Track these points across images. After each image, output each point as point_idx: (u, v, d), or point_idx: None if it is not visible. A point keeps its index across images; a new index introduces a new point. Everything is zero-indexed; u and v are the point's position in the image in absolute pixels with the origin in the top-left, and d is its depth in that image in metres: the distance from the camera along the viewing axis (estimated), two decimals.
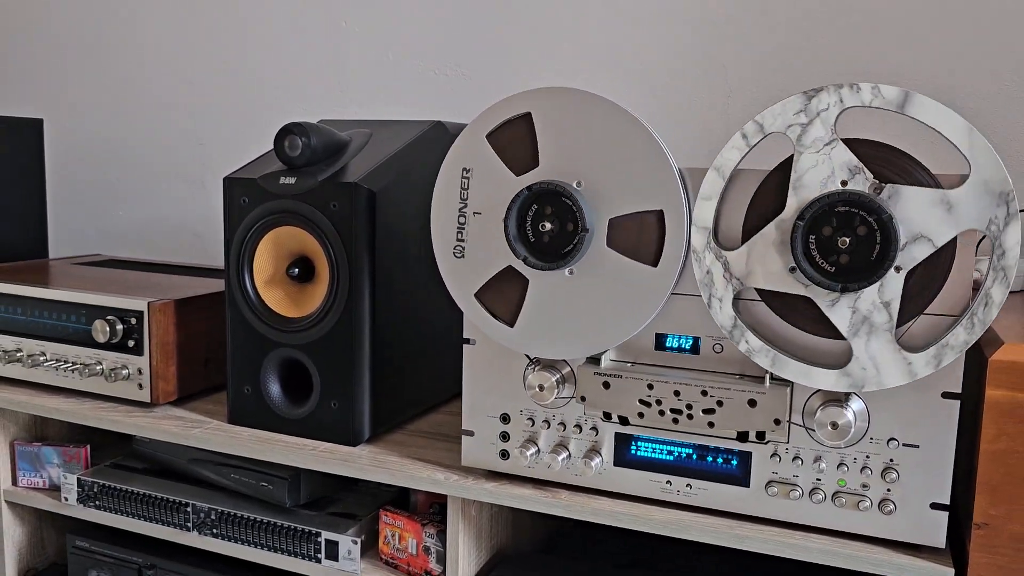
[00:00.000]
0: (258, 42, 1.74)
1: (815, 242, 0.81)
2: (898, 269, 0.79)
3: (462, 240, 0.96)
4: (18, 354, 1.33)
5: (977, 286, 0.79)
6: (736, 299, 0.86)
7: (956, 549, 0.88)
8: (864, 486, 0.87)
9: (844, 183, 0.79)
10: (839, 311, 0.82)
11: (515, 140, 0.93)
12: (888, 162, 0.80)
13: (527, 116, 0.93)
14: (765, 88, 1.39)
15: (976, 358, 0.86)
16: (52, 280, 1.39)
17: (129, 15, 1.85)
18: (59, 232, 1.94)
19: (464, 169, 0.95)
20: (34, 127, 1.68)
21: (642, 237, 0.89)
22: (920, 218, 0.78)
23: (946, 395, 0.83)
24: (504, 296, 0.95)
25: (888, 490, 0.86)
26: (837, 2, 1.33)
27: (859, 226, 0.79)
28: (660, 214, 0.88)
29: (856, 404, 0.86)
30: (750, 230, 0.85)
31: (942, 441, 0.84)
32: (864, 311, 0.81)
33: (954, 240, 0.79)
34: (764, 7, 1.37)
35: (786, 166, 0.82)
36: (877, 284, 0.80)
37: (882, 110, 0.76)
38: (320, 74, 1.69)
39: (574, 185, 0.90)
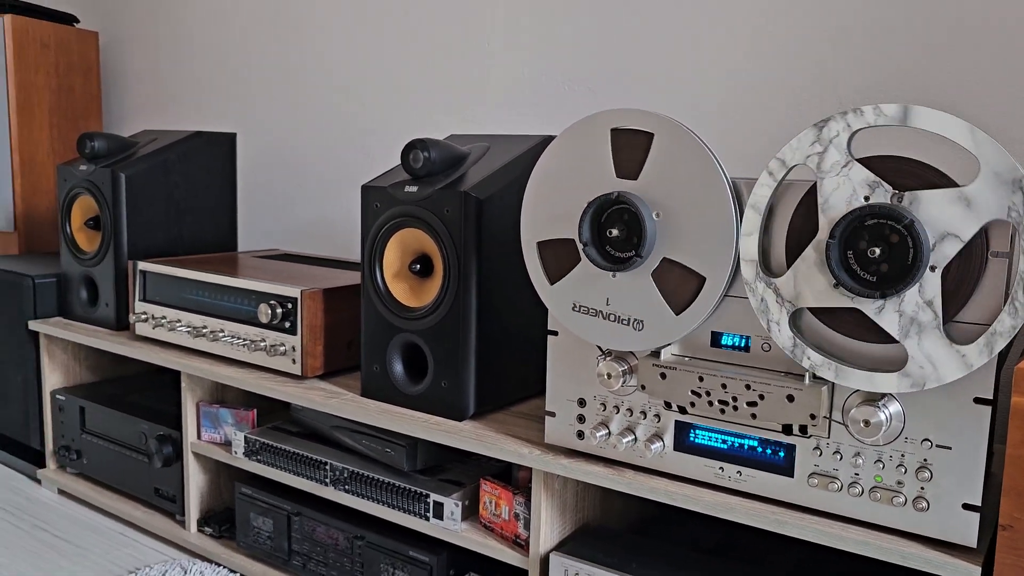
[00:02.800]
0: (415, 64, 1.95)
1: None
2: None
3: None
4: (204, 330, 1.61)
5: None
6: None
7: (992, 550, 0.91)
8: (899, 483, 0.92)
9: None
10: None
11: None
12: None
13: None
14: (874, 96, 1.41)
15: (1007, 365, 0.89)
16: (233, 270, 1.66)
17: (310, 43, 2.12)
18: (247, 229, 2.27)
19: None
20: (229, 140, 1.98)
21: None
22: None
23: (978, 400, 0.87)
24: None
25: (922, 488, 0.91)
26: (950, 18, 1.34)
27: (890, 235, 0.85)
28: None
29: (893, 406, 0.91)
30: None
31: (974, 444, 0.88)
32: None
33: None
34: (878, 24, 1.40)
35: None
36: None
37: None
38: (466, 90, 1.88)
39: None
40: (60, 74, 2.39)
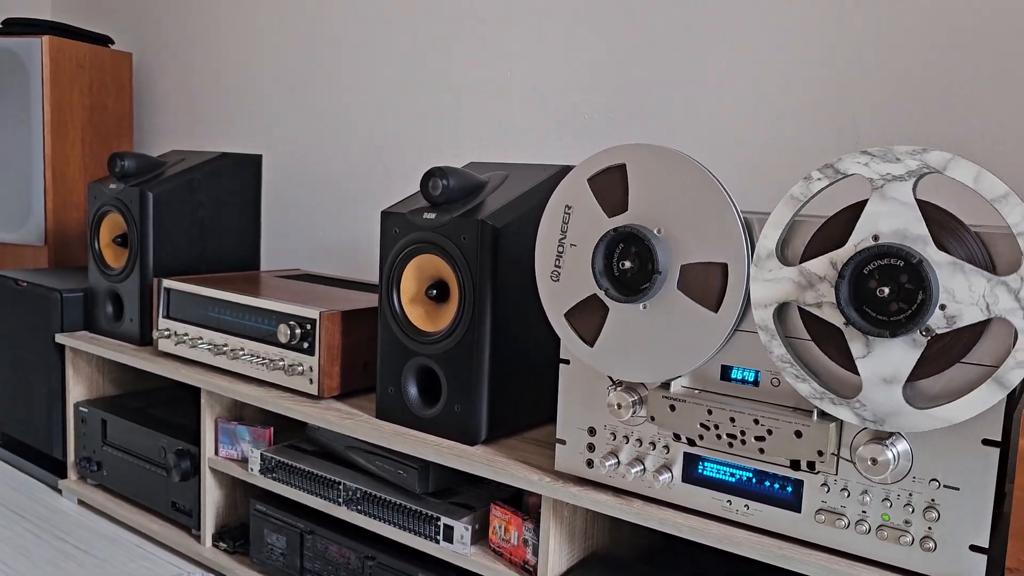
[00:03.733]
0: (439, 90, 1.98)
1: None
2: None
3: (559, 267, 1.12)
4: (224, 348, 1.64)
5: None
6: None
7: None
8: (907, 522, 0.92)
9: (875, 237, 0.86)
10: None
11: (611, 186, 1.07)
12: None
13: (622, 167, 1.07)
14: (891, 139, 1.42)
15: (1012, 410, 0.89)
16: (254, 289, 1.69)
17: (334, 67, 2.17)
18: (270, 248, 2.30)
19: (567, 206, 1.11)
20: (255, 161, 2.02)
21: (708, 285, 1.00)
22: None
23: (986, 442, 0.87)
24: (588, 320, 1.09)
25: (929, 528, 0.91)
26: (971, 57, 1.35)
27: (906, 283, 0.86)
28: (724, 267, 0.99)
29: (900, 444, 0.92)
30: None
31: (982, 485, 0.88)
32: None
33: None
34: (899, 62, 1.41)
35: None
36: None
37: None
38: (487, 116, 1.91)
39: (655, 232, 1.03)
40: (94, 93, 2.45)
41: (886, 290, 0.87)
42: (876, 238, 0.87)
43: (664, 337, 1.03)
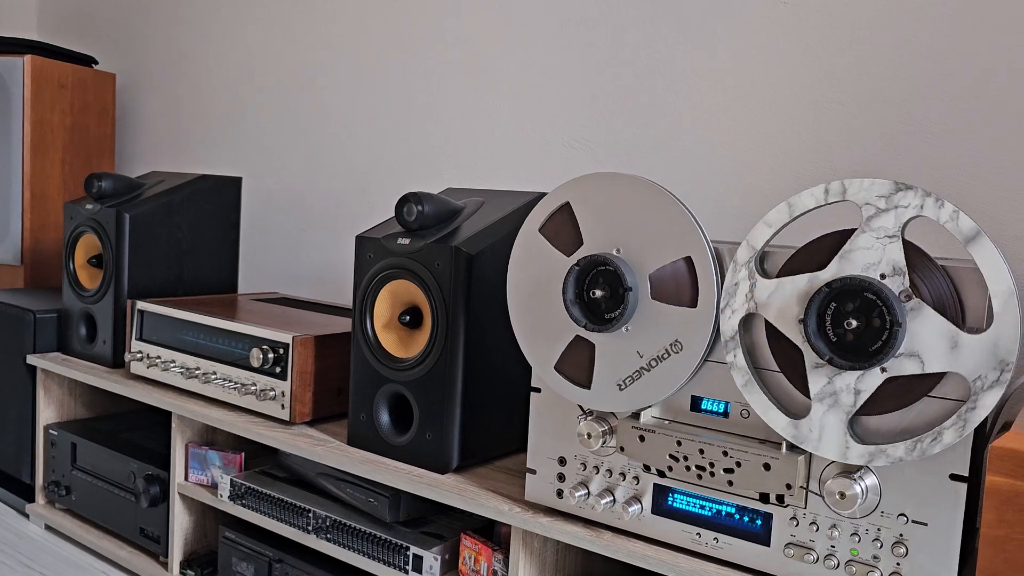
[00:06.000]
0: (420, 117, 1.99)
1: (832, 311, 0.88)
2: (884, 370, 0.85)
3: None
4: (197, 371, 1.62)
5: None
6: (745, 319, 0.95)
7: None
8: (875, 557, 0.91)
9: (883, 276, 0.85)
10: (818, 374, 0.89)
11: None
12: (929, 277, 0.86)
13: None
14: (865, 172, 1.43)
15: (982, 443, 0.88)
16: (228, 312, 1.67)
17: (316, 93, 2.17)
18: (249, 271, 2.29)
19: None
20: (235, 184, 2.01)
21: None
22: (927, 340, 0.84)
23: (954, 477, 0.87)
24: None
25: (898, 564, 0.90)
26: (948, 90, 1.36)
27: (875, 318, 0.86)
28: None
29: (869, 478, 0.91)
30: (788, 272, 0.93)
31: (949, 520, 0.87)
32: (837, 387, 0.88)
33: (942, 375, 0.85)
34: (874, 93, 1.42)
35: (845, 235, 0.89)
36: (859, 372, 0.86)
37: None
38: (469, 143, 1.91)
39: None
40: (75, 113, 2.44)
41: (854, 322, 0.86)
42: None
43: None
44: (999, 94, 1.31)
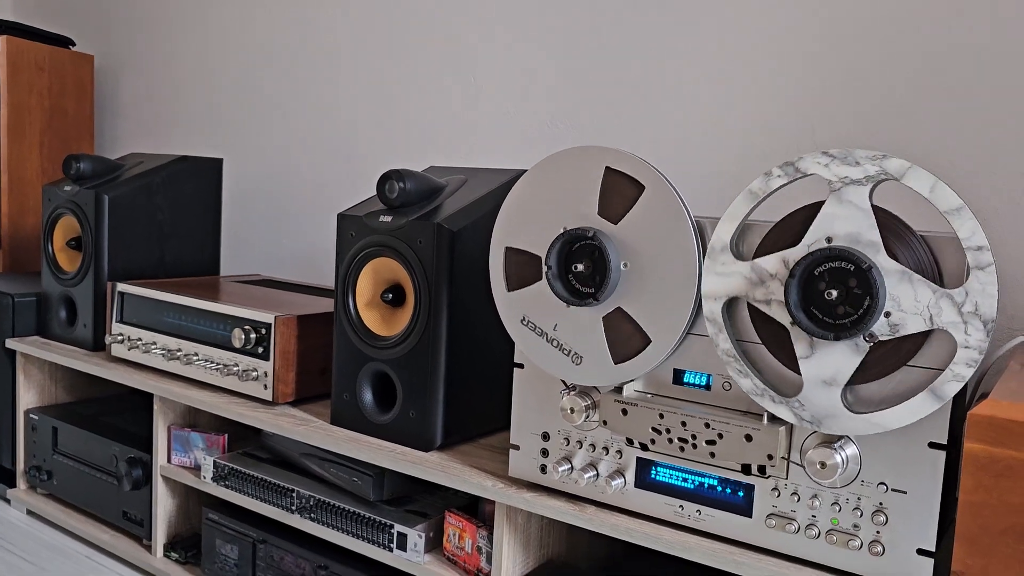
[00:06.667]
0: (403, 96, 1.97)
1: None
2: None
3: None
4: (178, 353, 1.60)
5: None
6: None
7: None
8: (855, 526, 0.92)
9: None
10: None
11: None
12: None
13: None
14: (849, 148, 1.43)
15: (961, 413, 0.89)
16: (209, 293, 1.66)
17: (296, 73, 2.15)
18: (231, 254, 2.27)
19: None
20: (215, 165, 1.99)
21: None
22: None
23: (932, 445, 0.87)
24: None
25: (877, 532, 0.90)
26: (929, 72, 1.36)
27: (855, 288, 0.86)
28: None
29: (849, 448, 0.91)
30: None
31: (928, 489, 0.88)
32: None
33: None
34: (856, 74, 1.42)
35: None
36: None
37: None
38: (453, 123, 1.90)
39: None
40: (53, 96, 2.41)
41: (834, 293, 0.86)
42: (829, 240, 0.87)
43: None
44: (977, 71, 1.31)
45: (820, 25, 1.45)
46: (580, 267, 1.03)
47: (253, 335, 1.48)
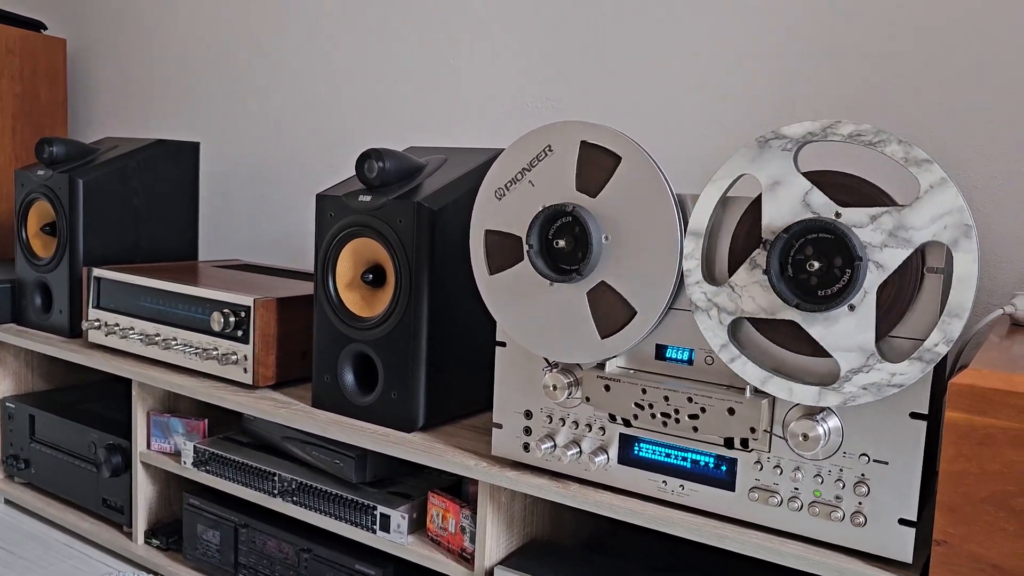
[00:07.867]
0: (382, 78, 1.95)
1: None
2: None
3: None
4: (157, 338, 1.58)
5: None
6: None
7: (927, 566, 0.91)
8: (837, 498, 0.92)
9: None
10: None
11: (596, 165, 1.02)
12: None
13: (617, 158, 1.01)
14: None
15: (942, 384, 0.89)
16: (187, 278, 1.64)
17: (274, 55, 2.12)
18: (209, 239, 2.25)
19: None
20: (192, 149, 1.97)
21: (611, 313, 0.99)
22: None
23: (914, 415, 0.88)
24: (502, 252, 1.08)
25: (860, 503, 0.91)
26: (911, 47, 1.36)
27: (836, 256, 0.85)
28: (633, 313, 0.99)
29: (831, 420, 0.91)
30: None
31: (910, 459, 0.88)
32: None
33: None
34: (836, 50, 1.42)
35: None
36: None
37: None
38: (433, 104, 1.88)
39: (603, 238, 1.00)
40: (25, 80, 2.37)
41: (816, 264, 0.86)
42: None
43: (554, 316, 1.02)
44: (963, 44, 1.31)
45: (802, 1, 1.44)
46: (562, 243, 1.02)
47: (232, 318, 1.47)
